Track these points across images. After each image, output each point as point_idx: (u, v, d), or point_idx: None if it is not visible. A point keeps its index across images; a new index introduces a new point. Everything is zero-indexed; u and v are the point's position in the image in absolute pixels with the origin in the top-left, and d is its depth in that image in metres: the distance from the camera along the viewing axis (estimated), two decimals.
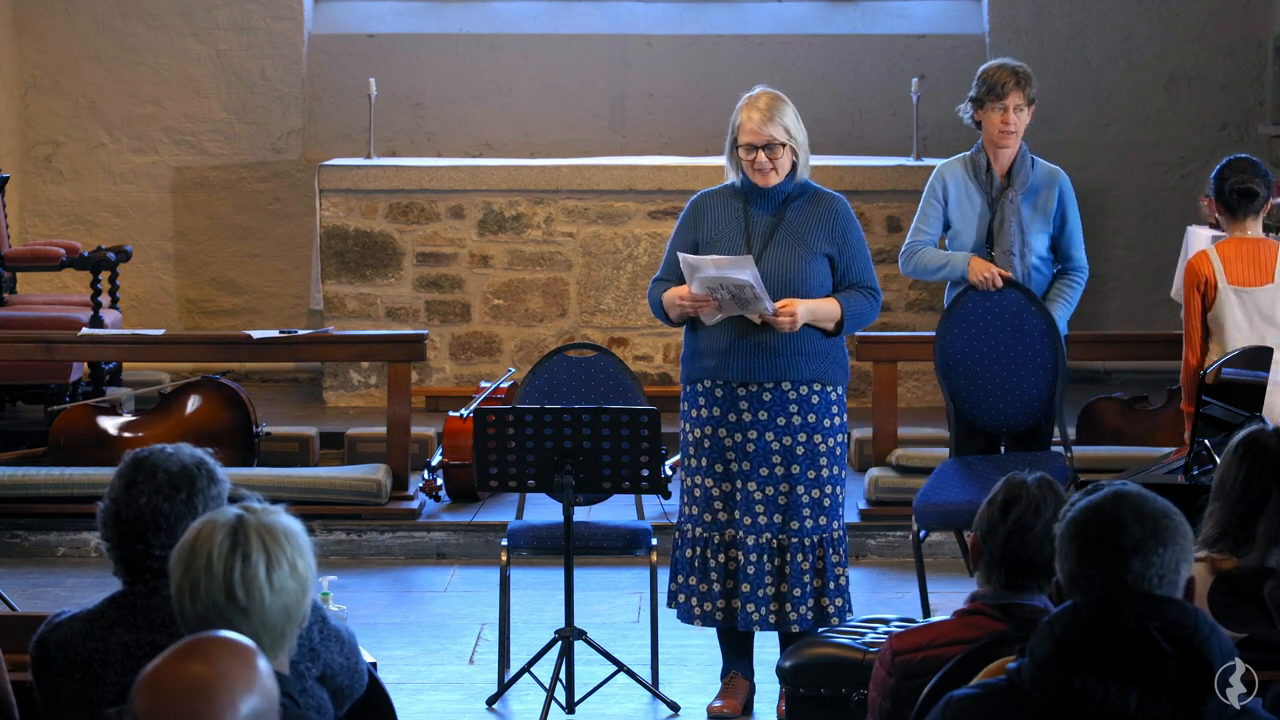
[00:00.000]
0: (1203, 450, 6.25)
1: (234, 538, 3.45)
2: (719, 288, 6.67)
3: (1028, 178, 7.68)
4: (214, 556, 3.43)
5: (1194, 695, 3.38)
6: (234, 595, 3.41)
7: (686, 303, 6.77)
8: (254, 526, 3.47)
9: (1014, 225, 7.62)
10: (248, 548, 3.44)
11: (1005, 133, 7.66)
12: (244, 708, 2.90)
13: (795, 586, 6.80)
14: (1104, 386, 11.10)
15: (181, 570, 3.47)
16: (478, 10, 12.69)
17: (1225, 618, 4.56)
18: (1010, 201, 7.63)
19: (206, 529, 3.48)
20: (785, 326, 6.72)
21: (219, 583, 3.42)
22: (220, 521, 3.49)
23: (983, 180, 7.70)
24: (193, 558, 3.46)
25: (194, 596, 3.43)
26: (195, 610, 3.43)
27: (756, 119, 6.76)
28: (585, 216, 11.38)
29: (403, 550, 9.20)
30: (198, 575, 3.44)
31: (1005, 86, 7.65)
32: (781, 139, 6.75)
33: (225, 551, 3.44)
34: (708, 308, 6.74)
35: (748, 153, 6.77)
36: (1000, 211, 7.65)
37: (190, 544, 3.48)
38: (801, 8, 12.72)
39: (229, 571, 3.42)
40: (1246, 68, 12.34)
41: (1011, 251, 7.62)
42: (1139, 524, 3.50)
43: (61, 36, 12.35)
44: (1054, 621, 3.47)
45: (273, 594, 3.42)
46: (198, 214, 12.42)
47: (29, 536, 9.15)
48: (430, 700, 7.15)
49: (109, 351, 10.12)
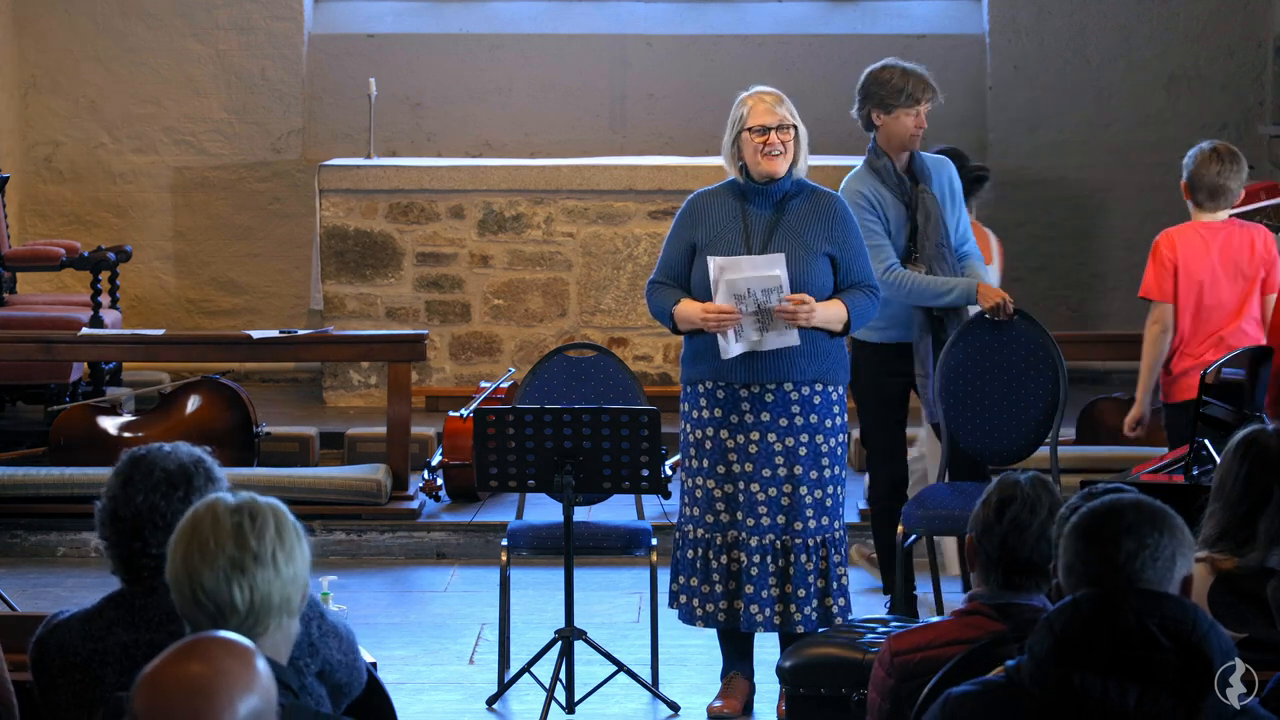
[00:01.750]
0: (1203, 450, 6.25)
1: (237, 504, 3.49)
2: (747, 295, 6.64)
3: (924, 169, 7.63)
4: (220, 514, 3.46)
5: (1193, 692, 3.39)
6: (247, 545, 3.42)
7: (711, 319, 6.70)
8: (254, 500, 3.51)
9: (939, 217, 7.56)
10: (253, 509, 3.48)
11: (918, 135, 7.62)
12: (243, 708, 2.90)
13: (800, 587, 6.80)
14: (1104, 386, 11.09)
15: (186, 539, 3.45)
16: (478, 10, 12.69)
17: (1225, 618, 4.56)
18: (927, 194, 7.56)
19: (202, 504, 3.51)
20: (802, 318, 6.67)
21: (228, 533, 3.43)
22: (215, 497, 3.52)
23: (892, 184, 7.59)
24: (196, 525, 3.46)
25: (203, 555, 3.42)
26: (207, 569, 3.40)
27: (767, 101, 6.79)
28: (585, 216, 11.38)
29: (403, 550, 9.20)
30: (205, 535, 3.43)
31: (922, 92, 7.59)
32: (792, 121, 6.78)
33: (231, 508, 3.47)
34: (731, 323, 6.68)
35: (760, 134, 6.76)
36: (923, 208, 7.55)
37: (190, 517, 3.49)
38: (801, 8, 12.72)
39: (239, 525, 3.44)
40: (1246, 68, 12.34)
41: (942, 243, 7.54)
42: (1142, 524, 3.51)
43: (61, 36, 12.35)
44: (1053, 618, 3.47)
45: (283, 551, 3.44)
46: (198, 214, 12.42)
47: (29, 536, 9.15)
48: (430, 700, 7.15)
49: (109, 351, 10.12)
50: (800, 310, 6.66)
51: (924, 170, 7.59)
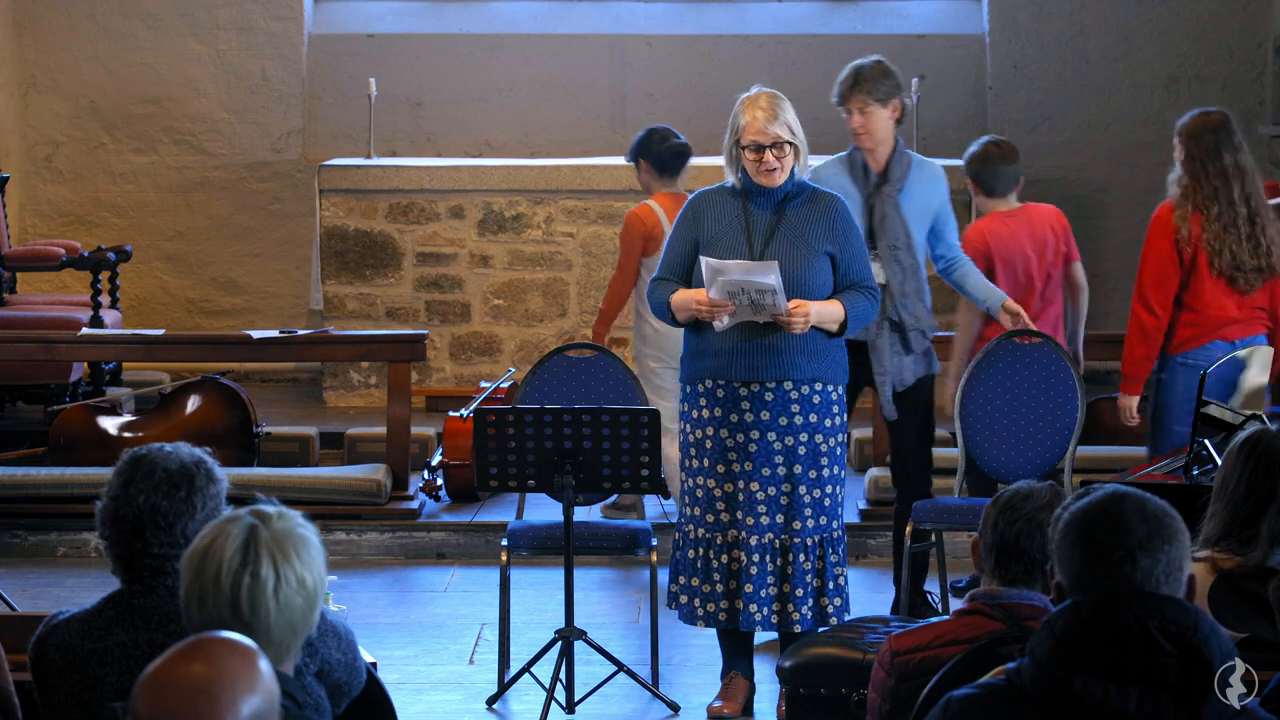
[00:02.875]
0: (1203, 450, 6.25)
1: (245, 553, 3.45)
2: (740, 292, 6.64)
3: (905, 173, 7.64)
4: (223, 571, 3.43)
5: (1194, 695, 3.38)
6: (239, 611, 3.41)
7: (704, 307, 6.73)
8: (265, 541, 3.46)
9: (895, 220, 7.57)
10: (257, 565, 3.43)
11: (856, 133, 7.65)
12: (245, 708, 2.90)
13: (797, 586, 6.79)
14: (1104, 386, 11.09)
15: (191, 576, 3.47)
16: (478, 10, 12.69)
17: (1226, 617, 4.57)
18: (889, 197, 7.58)
19: (220, 540, 3.47)
20: (798, 327, 6.69)
21: (225, 597, 3.42)
22: (234, 532, 3.48)
23: (858, 178, 7.63)
24: (203, 567, 3.46)
25: (200, 604, 3.44)
26: (200, 618, 3.44)
27: (761, 118, 6.75)
28: (585, 216, 11.39)
29: (403, 550, 9.20)
30: (206, 585, 3.44)
31: (843, 88, 7.68)
32: (786, 137, 6.75)
33: (235, 567, 3.43)
34: (725, 313, 6.70)
35: (754, 152, 6.75)
36: (879, 207, 7.58)
37: (202, 552, 3.47)
38: (801, 8, 12.72)
39: (236, 587, 3.42)
40: (1246, 68, 12.35)
41: (896, 245, 7.56)
42: (1144, 523, 3.50)
43: (61, 36, 12.35)
44: (1053, 621, 3.47)
45: (278, 610, 3.42)
46: (198, 214, 12.43)
47: (29, 536, 9.14)
48: (430, 700, 7.15)
49: (109, 351, 10.12)
50: (795, 320, 6.67)
51: (899, 172, 7.61)
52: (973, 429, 7.83)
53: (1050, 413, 7.78)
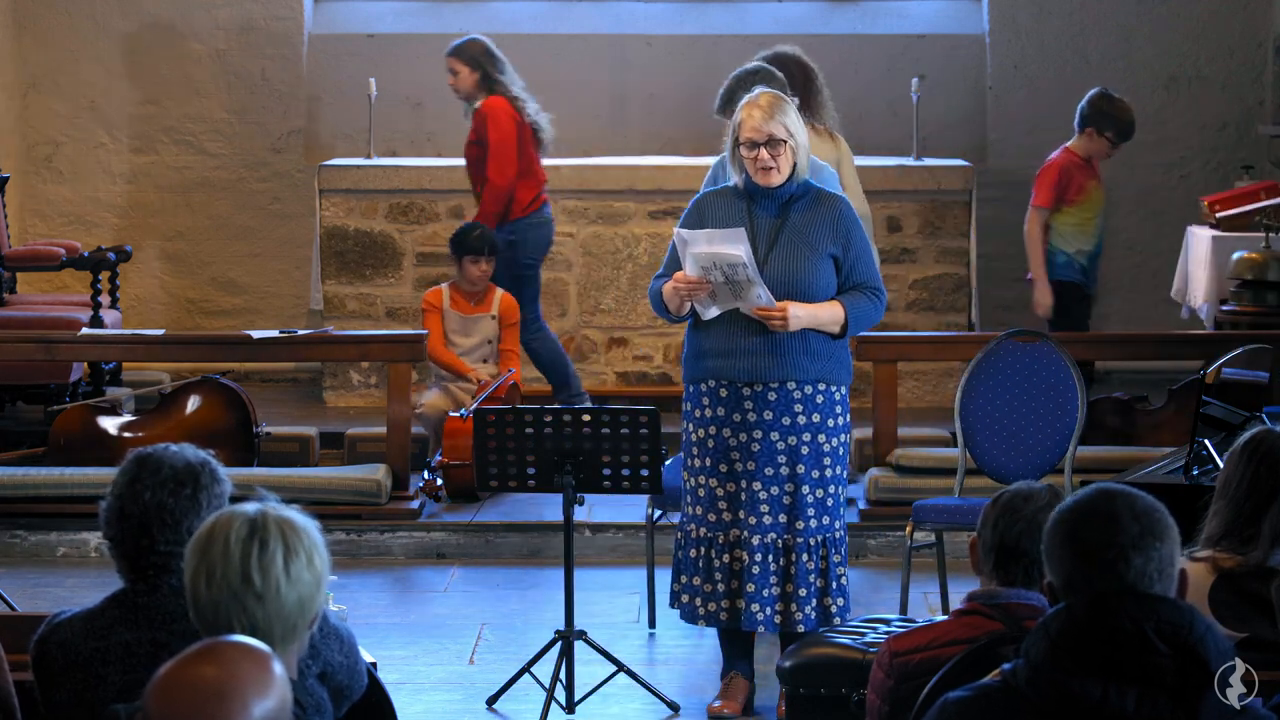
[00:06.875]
0: (1203, 450, 6.25)
1: (252, 525, 3.47)
2: (713, 267, 6.64)
3: None
4: (231, 541, 3.45)
5: (1191, 694, 3.38)
6: (250, 579, 3.41)
7: (682, 286, 6.73)
8: (273, 518, 3.49)
9: None
10: (265, 535, 3.46)
11: None
12: (257, 710, 2.90)
13: (801, 587, 6.80)
14: (1104, 386, 11.09)
15: (198, 556, 3.47)
16: (478, 10, 12.69)
17: (1227, 617, 4.57)
18: None
19: (225, 517, 3.50)
20: (776, 325, 6.69)
21: (235, 566, 3.42)
22: (239, 511, 3.51)
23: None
24: (210, 543, 3.46)
25: (209, 581, 3.43)
26: (210, 595, 3.43)
27: (758, 116, 6.75)
28: (585, 216, 11.38)
29: (403, 550, 9.19)
30: (214, 559, 3.44)
31: None
32: (783, 136, 6.74)
33: (243, 536, 3.46)
34: (702, 292, 6.70)
35: (749, 149, 6.75)
36: None
37: (208, 531, 3.49)
38: (801, 8, 12.71)
39: (246, 556, 3.43)
40: (1246, 68, 12.34)
41: None
42: (1135, 521, 3.49)
43: (61, 36, 12.35)
44: (1049, 622, 3.47)
45: (288, 583, 3.43)
46: (198, 214, 12.42)
47: (29, 536, 9.14)
48: (430, 700, 7.15)
49: (109, 351, 10.12)
50: (774, 316, 6.67)
51: None
52: (973, 429, 7.83)
53: (1050, 413, 7.78)
